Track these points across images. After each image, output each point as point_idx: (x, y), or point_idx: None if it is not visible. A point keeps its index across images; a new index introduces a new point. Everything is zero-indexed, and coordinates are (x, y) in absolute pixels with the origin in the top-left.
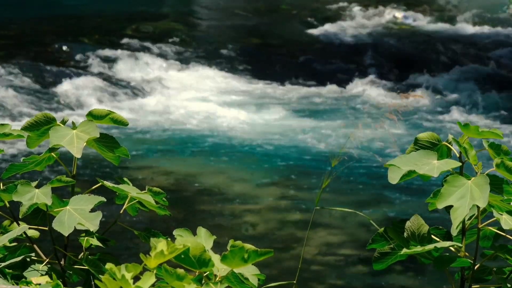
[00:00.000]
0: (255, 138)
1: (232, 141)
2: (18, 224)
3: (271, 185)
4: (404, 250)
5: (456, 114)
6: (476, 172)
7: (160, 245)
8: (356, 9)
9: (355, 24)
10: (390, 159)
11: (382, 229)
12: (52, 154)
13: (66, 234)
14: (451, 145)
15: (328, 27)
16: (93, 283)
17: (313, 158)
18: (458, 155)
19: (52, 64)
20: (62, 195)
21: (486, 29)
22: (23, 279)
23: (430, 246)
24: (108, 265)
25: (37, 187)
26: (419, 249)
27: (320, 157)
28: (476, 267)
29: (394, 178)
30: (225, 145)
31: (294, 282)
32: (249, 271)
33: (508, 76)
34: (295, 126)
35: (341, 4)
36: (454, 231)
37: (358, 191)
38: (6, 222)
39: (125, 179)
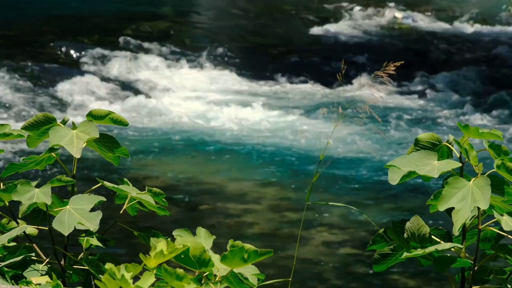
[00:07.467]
0: (255, 138)
1: (232, 141)
2: (18, 224)
3: (271, 184)
4: (405, 254)
5: (456, 114)
6: (477, 172)
7: (159, 245)
8: (356, 9)
9: (355, 24)
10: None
11: (382, 229)
12: (52, 153)
13: (66, 234)
14: (452, 145)
15: (328, 27)
16: (93, 283)
17: (313, 157)
18: (458, 155)
19: (52, 64)
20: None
21: (486, 28)
22: (23, 279)
23: (431, 249)
24: (108, 265)
25: (37, 186)
26: (420, 252)
27: (319, 157)
28: (476, 268)
29: (394, 178)
30: (225, 144)
31: (290, 279)
32: (249, 271)
33: (508, 75)
34: (295, 125)
35: (341, 4)
36: (455, 232)
37: (359, 190)
38: (4, 220)
39: (125, 179)
